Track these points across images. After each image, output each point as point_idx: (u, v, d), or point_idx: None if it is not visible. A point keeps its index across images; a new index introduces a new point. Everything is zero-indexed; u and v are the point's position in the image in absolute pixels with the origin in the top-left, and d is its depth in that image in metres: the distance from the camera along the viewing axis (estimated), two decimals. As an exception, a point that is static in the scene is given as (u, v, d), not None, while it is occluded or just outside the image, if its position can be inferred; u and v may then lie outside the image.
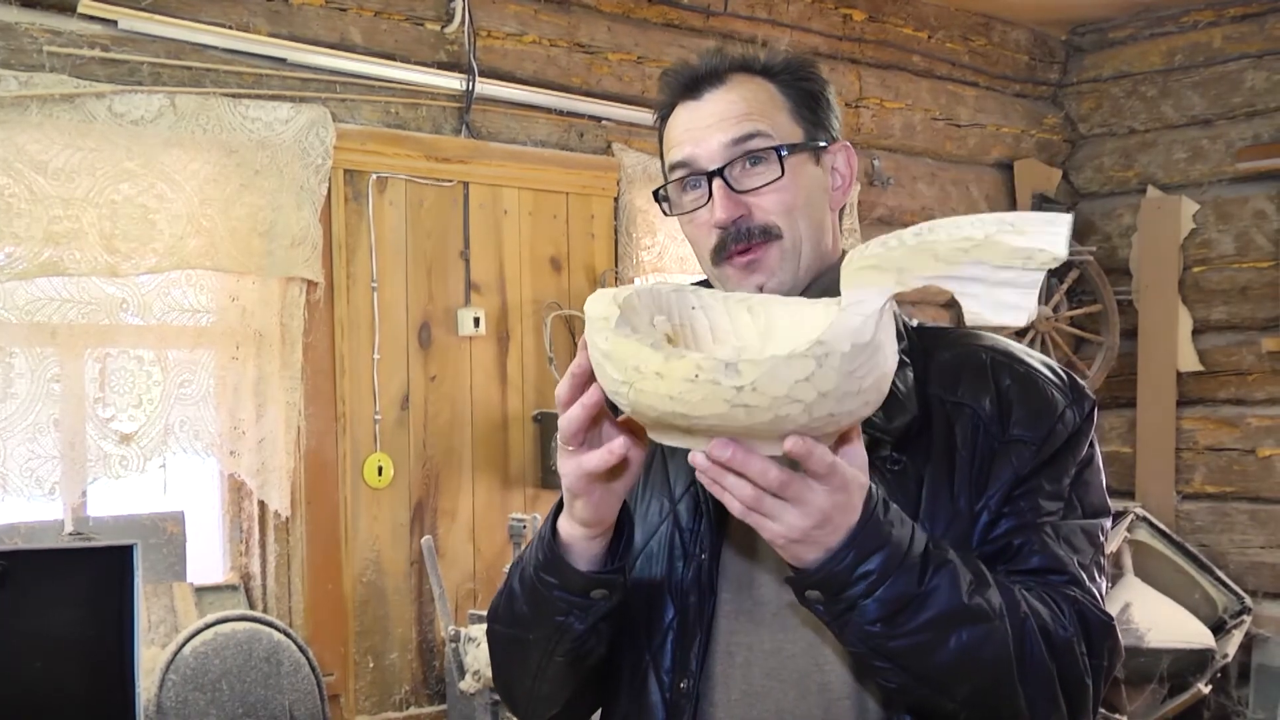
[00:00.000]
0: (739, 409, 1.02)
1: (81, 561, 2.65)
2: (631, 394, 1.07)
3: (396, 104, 3.39)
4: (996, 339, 1.40)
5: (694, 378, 1.02)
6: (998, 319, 1.06)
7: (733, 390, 1.01)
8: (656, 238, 3.85)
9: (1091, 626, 1.26)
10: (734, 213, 1.34)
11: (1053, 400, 1.32)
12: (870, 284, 1.06)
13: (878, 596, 1.12)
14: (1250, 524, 4.80)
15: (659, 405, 1.05)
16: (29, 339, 2.78)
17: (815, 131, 1.40)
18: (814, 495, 1.08)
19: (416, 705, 3.39)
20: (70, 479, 2.82)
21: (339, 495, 3.26)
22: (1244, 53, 4.80)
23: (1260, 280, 4.75)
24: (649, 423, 1.11)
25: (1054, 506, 1.30)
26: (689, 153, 1.37)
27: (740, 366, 1.01)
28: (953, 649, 1.16)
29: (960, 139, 4.89)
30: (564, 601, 1.28)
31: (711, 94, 1.38)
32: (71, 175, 2.77)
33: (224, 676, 2.88)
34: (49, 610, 2.60)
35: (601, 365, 1.10)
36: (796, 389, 1.01)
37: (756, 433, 1.05)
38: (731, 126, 1.35)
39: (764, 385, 1.01)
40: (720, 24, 4.12)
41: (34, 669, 2.57)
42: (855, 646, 1.18)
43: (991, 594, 1.18)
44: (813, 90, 1.41)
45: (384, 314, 3.34)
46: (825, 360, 1.02)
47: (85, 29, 2.86)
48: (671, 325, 1.19)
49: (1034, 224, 1.04)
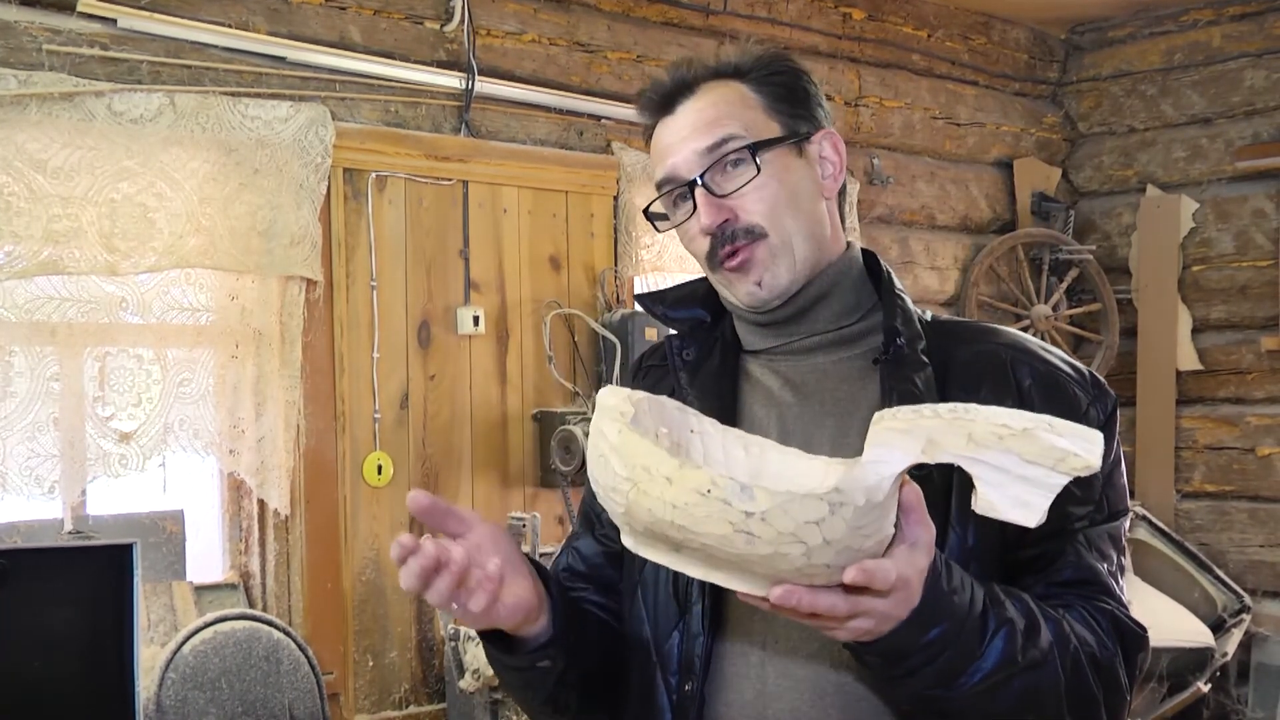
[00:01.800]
0: (741, 534, 1.00)
1: (81, 560, 2.65)
2: (633, 494, 1.04)
3: (396, 103, 3.39)
4: (1014, 334, 1.39)
5: (706, 492, 1.00)
6: (1010, 515, 1.05)
7: (742, 515, 0.99)
8: (656, 236, 3.85)
9: (1128, 639, 1.27)
10: (718, 217, 1.34)
11: (1075, 398, 1.32)
12: (896, 446, 1.04)
13: (938, 666, 1.12)
14: (1250, 523, 4.80)
15: (658, 511, 1.03)
16: (28, 338, 2.78)
17: (795, 124, 1.38)
18: (880, 605, 1.07)
19: (416, 704, 3.39)
20: (70, 478, 2.82)
21: (338, 494, 3.26)
22: (1243, 51, 4.80)
23: (1260, 279, 4.75)
24: (637, 528, 1.08)
25: (1083, 511, 1.29)
26: (669, 165, 1.37)
27: (756, 492, 1.00)
28: (1006, 700, 1.17)
29: (960, 138, 4.89)
30: (516, 672, 1.32)
31: (684, 106, 1.37)
32: (71, 174, 2.77)
33: (223, 675, 2.88)
34: (48, 609, 2.60)
35: (605, 459, 1.07)
36: (803, 530, 1.00)
37: (748, 565, 1.03)
38: (703, 133, 1.35)
39: (774, 518, 0.99)
40: (720, 22, 4.12)
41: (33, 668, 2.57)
42: (909, 704, 1.19)
43: (1042, 637, 1.19)
44: (787, 83, 1.39)
45: (383, 313, 3.34)
46: (839, 509, 1.00)
47: (84, 27, 2.86)
48: (671, 441, 1.17)
49: (1072, 431, 1.04)
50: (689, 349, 1.45)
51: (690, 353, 1.44)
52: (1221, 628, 4.48)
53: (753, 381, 1.41)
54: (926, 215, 4.77)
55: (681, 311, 1.48)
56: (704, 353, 1.43)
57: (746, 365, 1.43)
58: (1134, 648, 1.28)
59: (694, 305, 1.47)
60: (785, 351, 1.40)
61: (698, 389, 1.40)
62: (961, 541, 1.26)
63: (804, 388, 1.38)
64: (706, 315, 1.47)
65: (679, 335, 1.48)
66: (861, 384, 1.35)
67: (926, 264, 4.77)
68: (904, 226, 4.72)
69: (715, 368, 1.42)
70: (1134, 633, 1.28)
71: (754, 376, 1.41)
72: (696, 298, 1.48)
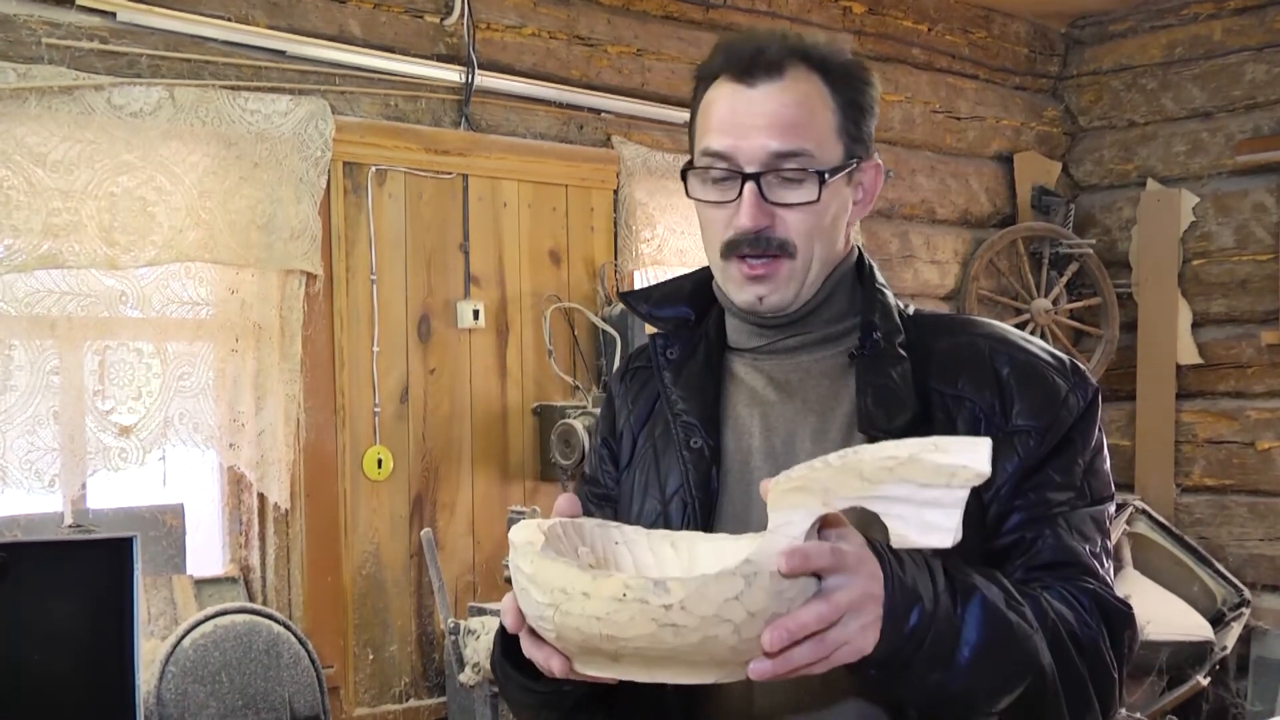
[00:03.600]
0: (667, 629, 1.01)
1: (81, 554, 2.65)
2: (557, 617, 1.04)
3: (396, 96, 3.38)
4: (994, 325, 1.39)
5: (621, 596, 1.01)
6: (923, 541, 1.06)
7: (661, 609, 1.00)
8: (656, 230, 3.85)
9: (1112, 617, 1.26)
10: (760, 222, 1.31)
11: (1055, 386, 1.31)
12: (797, 506, 1.05)
13: (928, 649, 1.11)
14: (1249, 517, 4.80)
15: (585, 627, 1.03)
16: (28, 331, 2.78)
17: (854, 147, 1.35)
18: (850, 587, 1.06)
19: (416, 697, 3.40)
20: (70, 471, 2.82)
21: (338, 488, 3.26)
22: (1244, 45, 4.80)
23: (1260, 273, 4.75)
24: (574, 649, 1.08)
25: (1064, 497, 1.29)
26: (729, 145, 1.31)
27: (669, 585, 1.00)
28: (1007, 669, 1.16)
29: (960, 132, 4.88)
30: (538, 695, 1.28)
31: (766, 85, 1.31)
32: (70, 167, 2.77)
33: (224, 669, 2.88)
34: (48, 603, 2.60)
35: (526, 590, 1.08)
36: (725, 608, 1.00)
37: (683, 657, 1.03)
38: (780, 136, 1.30)
39: (692, 604, 1.00)
40: (719, 16, 4.11)
41: (33, 661, 2.57)
42: (919, 701, 1.18)
43: (1022, 608, 1.19)
44: (861, 103, 1.36)
45: (383, 307, 3.34)
46: (754, 579, 1.01)
47: (83, 21, 2.86)
48: (595, 557, 1.17)
49: (957, 445, 1.05)
50: (673, 348, 1.43)
51: (674, 351, 1.43)
52: (1221, 622, 4.48)
53: (737, 381, 1.41)
54: (927, 209, 4.77)
55: (666, 310, 1.47)
56: (688, 352, 1.42)
57: (731, 364, 1.42)
58: (1120, 625, 1.26)
59: (679, 303, 1.46)
60: (770, 350, 1.40)
61: (681, 388, 1.40)
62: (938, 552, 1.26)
63: (787, 386, 1.37)
64: (691, 313, 1.45)
65: (663, 334, 1.46)
66: (841, 380, 1.35)
67: (927, 258, 4.77)
68: (904, 220, 4.71)
69: (699, 367, 1.41)
70: (1119, 611, 1.27)
71: (738, 375, 1.41)
72: (681, 295, 1.46)
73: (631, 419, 1.47)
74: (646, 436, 1.44)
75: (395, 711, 3.35)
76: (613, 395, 1.52)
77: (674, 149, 3.94)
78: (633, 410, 1.48)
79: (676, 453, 1.37)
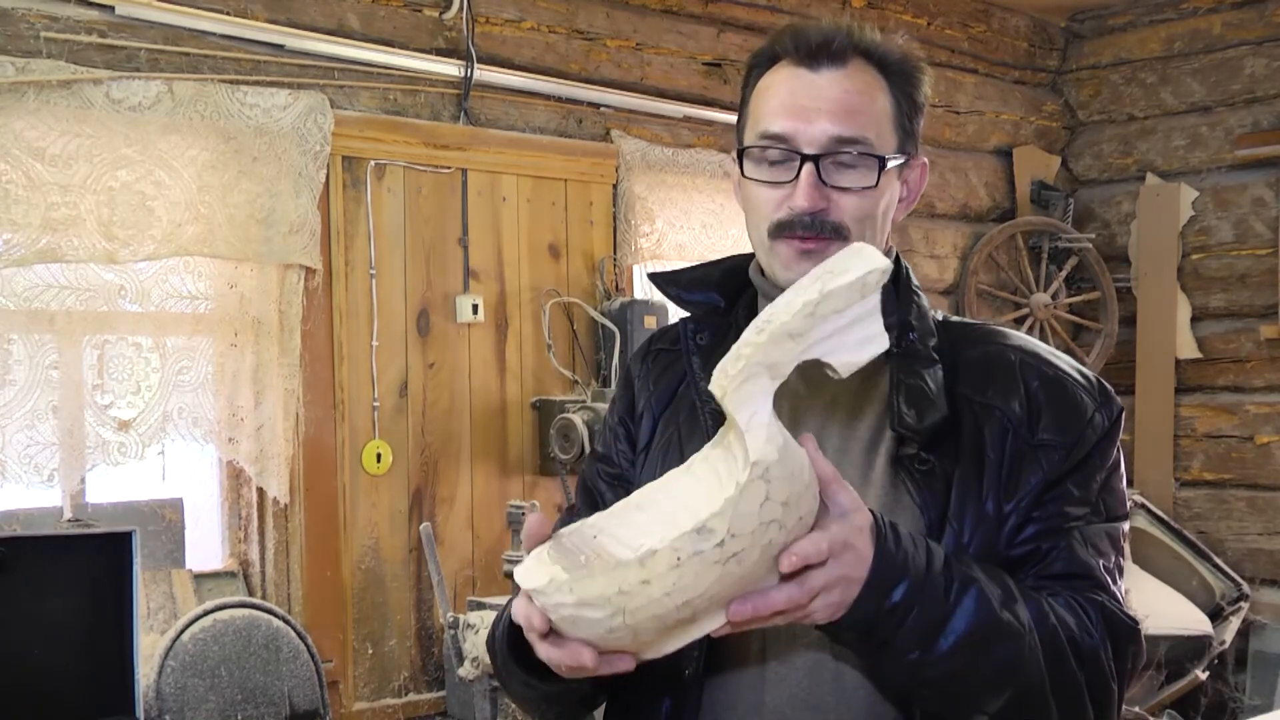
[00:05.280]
0: (731, 562, 1.03)
1: (80, 548, 2.65)
2: (627, 619, 1.05)
3: (395, 90, 3.38)
4: (1024, 338, 1.40)
5: (676, 562, 1.02)
6: (864, 357, 1.11)
7: (717, 550, 1.02)
8: (655, 225, 3.85)
9: (1117, 631, 1.27)
10: (817, 203, 1.31)
11: (1082, 404, 1.33)
12: (753, 395, 1.07)
13: (909, 626, 1.14)
14: (1248, 511, 4.80)
15: (659, 610, 1.04)
16: (27, 326, 2.78)
17: (906, 143, 1.38)
18: (831, 572, 1.10)
19: (415, 692, 3.40)
20: (69, 466, 2.82)
21: (337, 482, 3.26)
22: (1243, 39, 4.79)
23: (1259, 267, 4.75)
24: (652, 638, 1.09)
25: (1081, 511, 1.30)
26: (790, 128, 1.32)
27: (709, 524, 1.02)
28: (988, 667, 1.18)
29: (959, 126, 4.88)
30: (544, 692, 1.28)
31: (829, 72, 1.33)
32: (69, 162, 2.77)
33: (223, 663, 2.89)
34: (48, 597, 2.60)
35: (579, 618, 1.07)
36: (765, 511, 1.02)
37: (755, 575, 1.06)
38: (844, 121, 1.32)
39: (738, 528, 1.02)
40: (719, 10, 4.11)
41: (33, 656, 2.57)
42: (896, 678, 1.20)
43: (1020, 608, 1.20)
44: (916, 99, 1.39)
45: (382, 301, 3.34)
46: (768, 474, 1.03)
47: (82, 14, 2.86)
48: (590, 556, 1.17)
49: (847, 258, 1.10)
50: (703, 333, 1.44)
51: (704, 337, 1.43)
52: (1219, 616, 4.49)
53: None
54: (925, 203, 4.76)
55: (697, 295, 1.47)
56: (718, 338, 1.42)
57: None
58: (1124, 639, 1.27)
59: (709, 289, 1.46)
60: None
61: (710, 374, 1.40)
62: (957, 538, 1.27)
63: (817, 380, 1.37)
64: (721, 300, 1.45)
65: (693, 319, 1.46)
66: (873, 378, 1.35)
67: (925, 252, 4.77)
68: (903, 215, 4.71)
69: None
70: (1125, 625, 1.28)
71: None
72: (711, 282, 1.46)
73: (653, 401, 1.47)
74: (668, 420, 1.44)
75: (394, 705, 3.35)
76: (632, 375, 1.52)
77: (673, 143, 3.94)
78: (654, 392, 1.47)
79: (703, 439, 1.37)
